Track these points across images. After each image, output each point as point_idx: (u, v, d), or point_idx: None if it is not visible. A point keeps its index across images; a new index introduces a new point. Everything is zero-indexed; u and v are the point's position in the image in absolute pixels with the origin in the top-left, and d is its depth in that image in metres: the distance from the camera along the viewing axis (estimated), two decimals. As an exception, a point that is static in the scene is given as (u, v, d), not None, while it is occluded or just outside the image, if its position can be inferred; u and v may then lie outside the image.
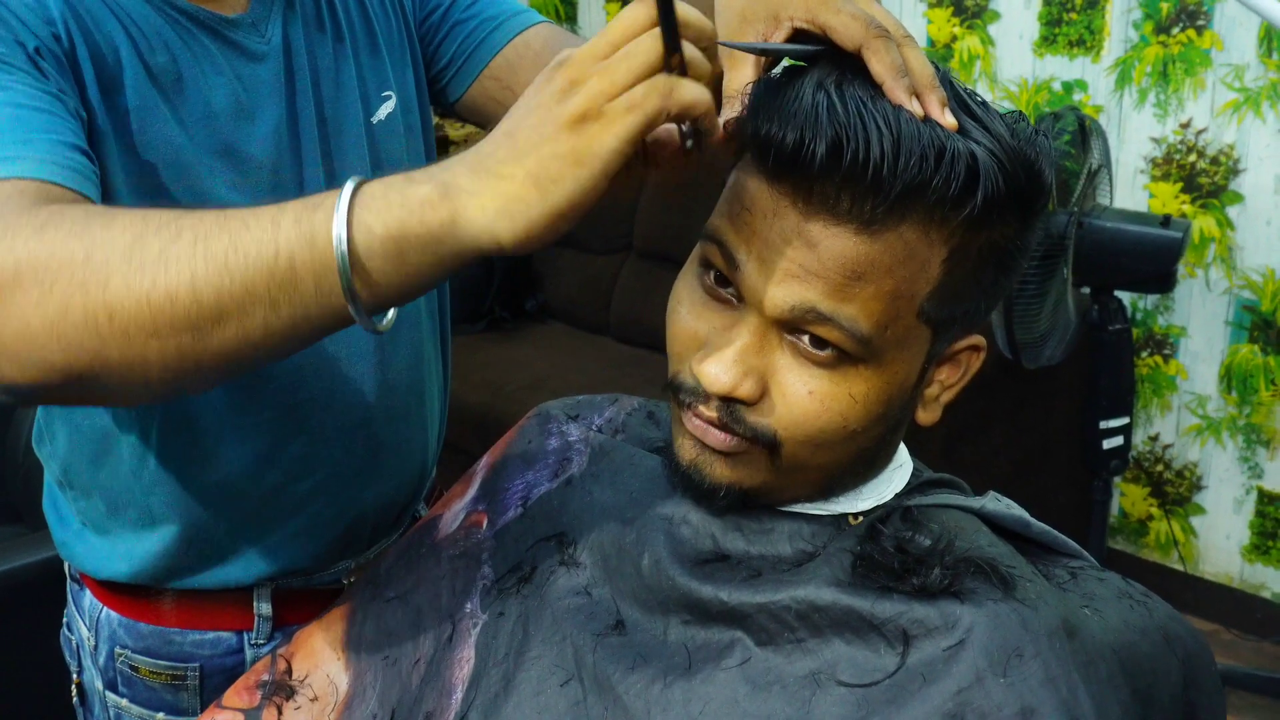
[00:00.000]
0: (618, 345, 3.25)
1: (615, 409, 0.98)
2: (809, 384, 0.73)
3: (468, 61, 1.14)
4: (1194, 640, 0.80)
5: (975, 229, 0.71)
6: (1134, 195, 2.66)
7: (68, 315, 0.65)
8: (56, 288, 0.65)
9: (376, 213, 0.63)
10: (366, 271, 0.64)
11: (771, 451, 0.75)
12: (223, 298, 0.64)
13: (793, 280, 0.71)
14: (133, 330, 0.65)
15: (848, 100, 0.68)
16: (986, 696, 0.68)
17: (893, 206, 0.68)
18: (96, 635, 1.11)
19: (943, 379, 0.79)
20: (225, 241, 0.64)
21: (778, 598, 0.74)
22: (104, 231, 0.66)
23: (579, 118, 0.62)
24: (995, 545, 0.78)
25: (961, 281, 0.73)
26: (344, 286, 0.64)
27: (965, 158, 0.68)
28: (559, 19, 3.70)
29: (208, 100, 0.96)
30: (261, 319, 0.65)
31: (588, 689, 0.77)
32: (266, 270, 0.64)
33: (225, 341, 0.66)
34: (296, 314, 0.65)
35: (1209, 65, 2.50)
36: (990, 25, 2.79)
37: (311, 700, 0.91)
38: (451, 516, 0.96)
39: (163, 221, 0.66)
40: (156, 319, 0.65)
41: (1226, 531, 2.72)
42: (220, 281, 0.64)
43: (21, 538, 2.09)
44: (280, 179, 1.00)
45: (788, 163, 0.69)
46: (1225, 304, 2.61)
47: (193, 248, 0.64)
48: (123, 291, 0.64)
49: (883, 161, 0.67)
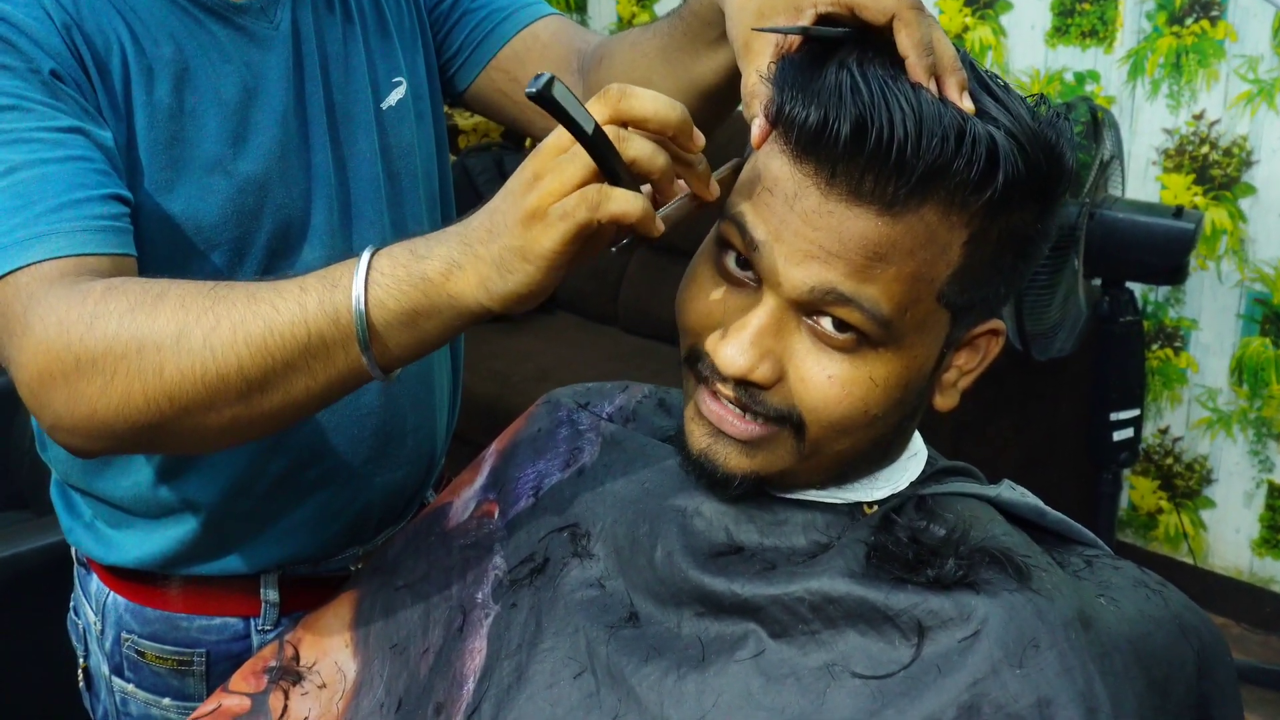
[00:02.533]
0: (626, 336, 3.24)
1: (625, 397, 0.97)
2: (828, 369, 0.73)
3: (475, 51, 1.14)
4: (1209, 630, 0.80)
5: (995, 212, 0.71)
6: (1146, 187, 2.64)
7: (130, 400, 0.75)
8: (117, 378, 0.74)
9: (389, 291, 0.72)
10: (384, 341, 0.73)
11: (797, 434, 0.75)
12: (267, 374, 0.74)
13: (813, 261, 0.70)
14: (192, 408, 0.75)
15: (870, 80, 0.68)
16: (1002, 688, 0.68)
17: (915, 188, 0.68)
18: (103, 620, 1.11)
19: (961, 364, 0.79)
20: (261, 325, 0.73)
21: (791, 589, 0.74)
22: (149, 322, 0.75)
23: (530, 215, 0.68)
24: (1010, 534, 0.78)
25: (982, 266, 0.73)
26: (367, 358, 0.74)
27: (986, 140, 0.68)
28: (568, 9, 3.69)
29: (217, 89, 0.96)
30: (303, 385, 0.75)
31: (601, 681, 0.76)
32: (301, 348, 0.73)
33: (272, 405, 0.76)
34: (331, 377, 0.75)
35: (1222, 56, 2.48)
36: (1002, 15, 2.77)
37: (320, 687, 0.90)
38: (461, 505, 0.95)
39: (200, 309, 0.75)
40: (213, 397, 0.75)
41: (1236, 525, 2.71)
42: (264, 362, 0.74)
43: (28, 522, 2.09)
44: (288, 165, 0.99)
45: (811, 142, 0.69)
46: (1236, 297, 2.59)
47: (233, 334, 0.74)
48: (178, 378, 0.74)
49: (906, 141, 0.67)
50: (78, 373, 0.75)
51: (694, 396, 0.78)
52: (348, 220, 1.04)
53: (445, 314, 0.72)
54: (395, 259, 0.72)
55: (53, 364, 0.76)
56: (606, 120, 0.67)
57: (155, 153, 0.93)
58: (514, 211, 0.68)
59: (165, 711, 1.11)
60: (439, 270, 0.71)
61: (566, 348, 3.15)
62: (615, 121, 0.67)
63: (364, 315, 0.72)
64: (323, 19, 1.03)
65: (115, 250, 0.83)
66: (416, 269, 0.71)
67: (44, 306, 0.77)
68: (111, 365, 0.74)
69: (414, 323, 0.72)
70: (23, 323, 0.78)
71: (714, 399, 0.76)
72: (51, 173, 0.83)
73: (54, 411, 0.78)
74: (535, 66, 1.12)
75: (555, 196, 0.67)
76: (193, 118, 0.94)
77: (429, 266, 0.71)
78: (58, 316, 0.76)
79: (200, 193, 0.95)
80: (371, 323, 0.72)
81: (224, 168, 0.96)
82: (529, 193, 0.68)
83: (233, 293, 0.75)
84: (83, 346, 0.75)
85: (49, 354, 0.76)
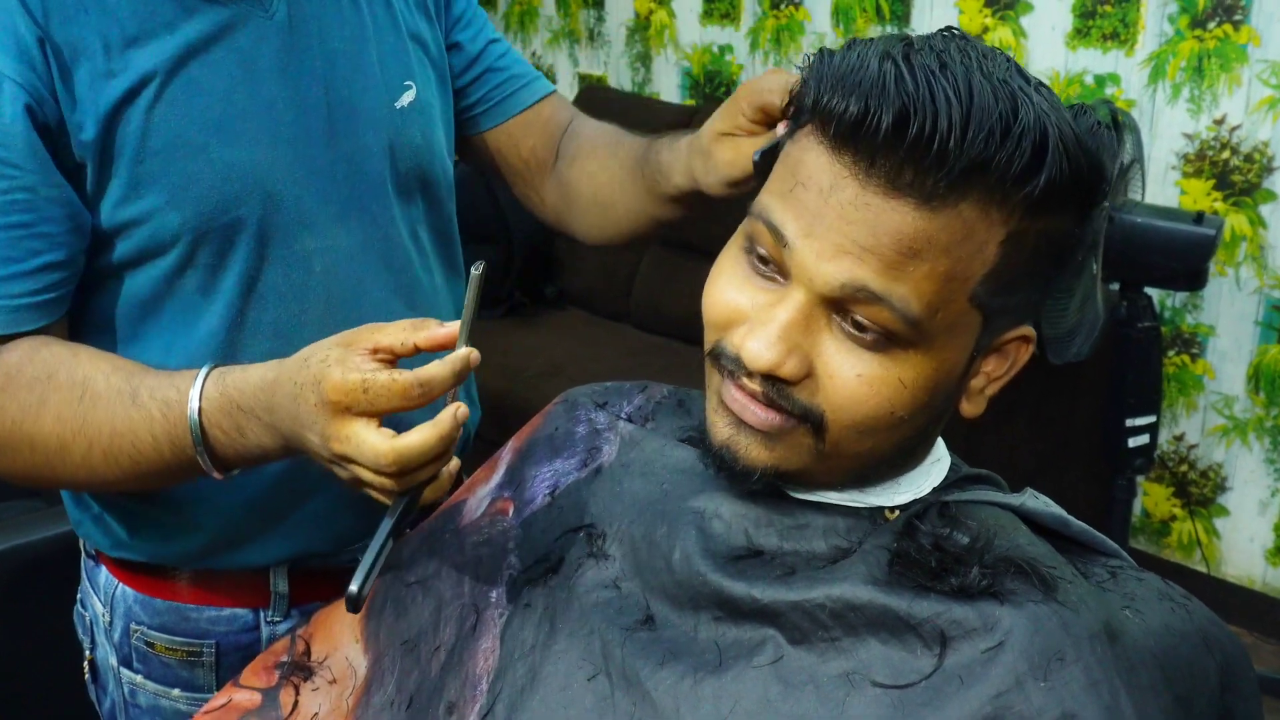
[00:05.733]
0: (637, 333, 3.23)
1: (644, 397, 0.96)
2: (857, 367, 0.72)
3: (493, 110, 1.22)
4: (1233, 644, 0.79)
5: (1035, 212, 0.70)
6: (1165, 191, 2.62)
7: (29, 476, 0.96)
8: (18, 458, 0.94)
9: (223, 445, 0.90)
10: (227, 466, 0.92)
11: (816, 433, 0.74)
12: (141, 479, 0.94)
13: (845, 257, 0.69)
14: (87, 489, 1.06)
15: (916, 69, 0.67)
16: (1026, 700, 0.67)
17: (955, 182, 0.67)
18: (112, 611, 1.11)
19: (989, 370, 0.78)
20: (130, 451, 0.91)
21: (812, 595, 0.73)
22: (35, 427, 0.92)
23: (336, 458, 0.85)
24: (1035, 544, 0.76)
25: (1017, 267, 0.72)
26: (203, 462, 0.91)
27: (1034, 133, 0.67)
28: (585, 5, 3.68)
29: (202, 75, 0.96)
30: (173, 477, 0.95)
31: (615, 684, 0.75)
32: (164, 464, 0.92)
33: (155, 485, 0.98)
34: (194, 474, 0.93)
35: (1245, 61, 2.46)
36: (1022, 17, 2.75)
37: (330, 683, 0.90)
38: (476, 502, 0.94)
39: (76, 429, 0.92)
40: (104, 488, 1.01)
41: (1250, 534, 2.69)
42: (135, 473, 0.93)
43: (39, 511, 2.09)
44: (278, 154, 0.99)
45: (850, 133, 0.68)
46: (1255, 303, 2.57)
47: (105, 458, 0.92)
48: (68, 477, 0.96)
49: (949, 134, 0.66)
50: None
51: (717, 389, 0.78)
52: (348, 212, 1.04)
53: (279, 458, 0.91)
54: (225, 427, 0.89)
55: None
56: None
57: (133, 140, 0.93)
58: (320, 452, 0.84)
59: (175, 702, 1.11)
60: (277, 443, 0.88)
61: (578, 343, 3.14)
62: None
63: (207, 455, 0.90)
64: (328, 13, 1.03)
65: (32, 327, 0.95)
66: (249, 442, 0.89)
67: None
68: (12, 451, 0.94)
69: (249, 460, 0.92)
70: None
71: (737, 389, 0.75)
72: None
73: None
74: (533, 141, 1.23)
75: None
76: (174, 106, 0.95)
77: (261, 441, 0.88)
78: None
79: (182, 181, 0.95)
80: (215, 455, 0.90)
81: (206, 155, 0.96)
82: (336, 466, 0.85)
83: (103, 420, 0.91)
84: None
85: None
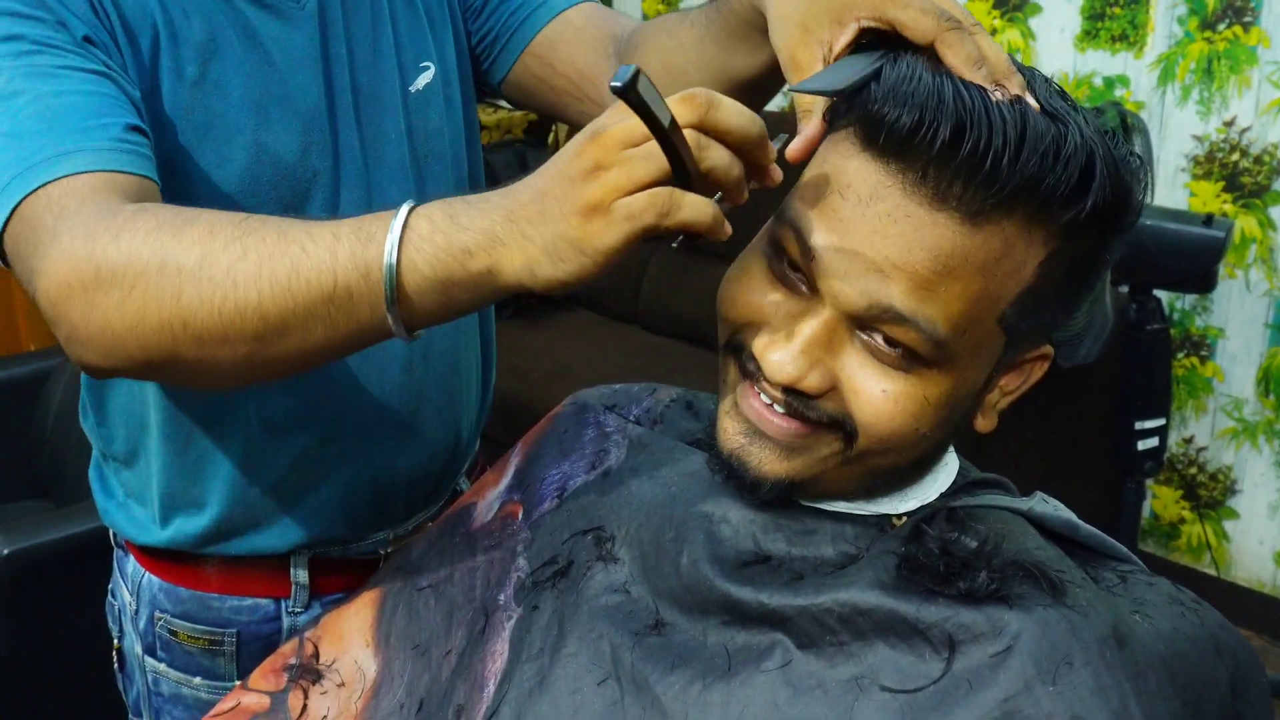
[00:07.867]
0: (645, 334, 3.23)
1: (653, 400, 0.96)
2: (883, 384, 0.71)
3: (511, 39, 1.14)
4: (1244, 650, 0.78)
5: (1075, 234, 0.70)
6: (1174, 194, 2.61)
7: (145, 319, 0.73)
8: (135, 293, 0.73)
9: (424, 256, 0.69)
10: (413, 304, 0.71)
11: (848, 440, 0.73)
12: (286, 316, 0.72)
13: (874, 275, 0.69)
14: (205, 337, 0.73)
15: (972, 88, 0.67)
16: (1035, 705, 0.67)
17: (1004, 199, 0.67)
18: (138, 600, 1.13)
19: (1004, 385, 0.78)
20: (288, 266, 0.71)
21: (820, 600, 0.73)
22: (174, 243, 0.73)
23: (590, 208, 0.65)
24: (1044, 548, 0.76)
25: (1050, 289, 0.72)
26: (392, 316, 0.71)
27: (1081, 156, 0.67)
28: None
29: (242, 63, 0.97)
30: (321, 334, 0.73)
31: (625, 689, 0.75)
32: (325, 296, 0.71)
33: (288, 350, 0.74)
34: (351, 330, 0.73)
35: (1255, 63, 2.45)
36: (1031, 18, 2.75)
37: (339, 686, 0.90)
38: (486, 506, 0.95)
39: (228, 238, 0.73)
40: (227, 330, 0.72)
41: (1260, 537, 2.68)
42: (284, 303, 0.71)
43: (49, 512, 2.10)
44: (311, 142, 1.00)
45: (902, 144, 0.67)
46: (1265, 306, 2.56)
47: (258, 269, 0.71)
48: (195, 303, 0.72)
49: (1004, 151, 0.66)
50: (96, 284, 0.74)
51: (734, 390, 0.77)
52: (371, 202, 1.05)
53: (481, 288, 0.70)
54: (434, 223, 0.70)
55: (73, 273, 0.74)
56: (690, 125, 0.65)
57: (177, 115, 0.94)
58: (571, 200, 0.66)
59: (196, 690, 1.13)
60: (479, 244, 0.68)
61: (586, 344, 3.14)
62: (698, 128, 0.66)
63: (394, 276, 0.69)
64: (350, 1, 1.04)
65: (141, 172, 0.83)
66: (456, 239, 0.69)
67: (73, 219, 0.77)
68: (130, 280, 0.73)
69: (445, 291, 0.70)
70: (51, 233, 0.77)
71: (757, 397, 0.75)
72: (79, 102, 0.83)
73: (70, 322, 0.76)
74: (569, 52, 1.11)
75: (620, 192, 0.65)
76: (216, 87, 0.96)
77: (469, 239, 0.69)
78: (85, 228, 0.75)
79: (217, 160, 0.96)
80: (402, 285, 0.70)
81: (243, 137, 0.97)
82: (589, 182, 0.65)
83: (264, 227, 0.73)
84: (104, 258, 0.74)
85: (71, 263, 0.75)
